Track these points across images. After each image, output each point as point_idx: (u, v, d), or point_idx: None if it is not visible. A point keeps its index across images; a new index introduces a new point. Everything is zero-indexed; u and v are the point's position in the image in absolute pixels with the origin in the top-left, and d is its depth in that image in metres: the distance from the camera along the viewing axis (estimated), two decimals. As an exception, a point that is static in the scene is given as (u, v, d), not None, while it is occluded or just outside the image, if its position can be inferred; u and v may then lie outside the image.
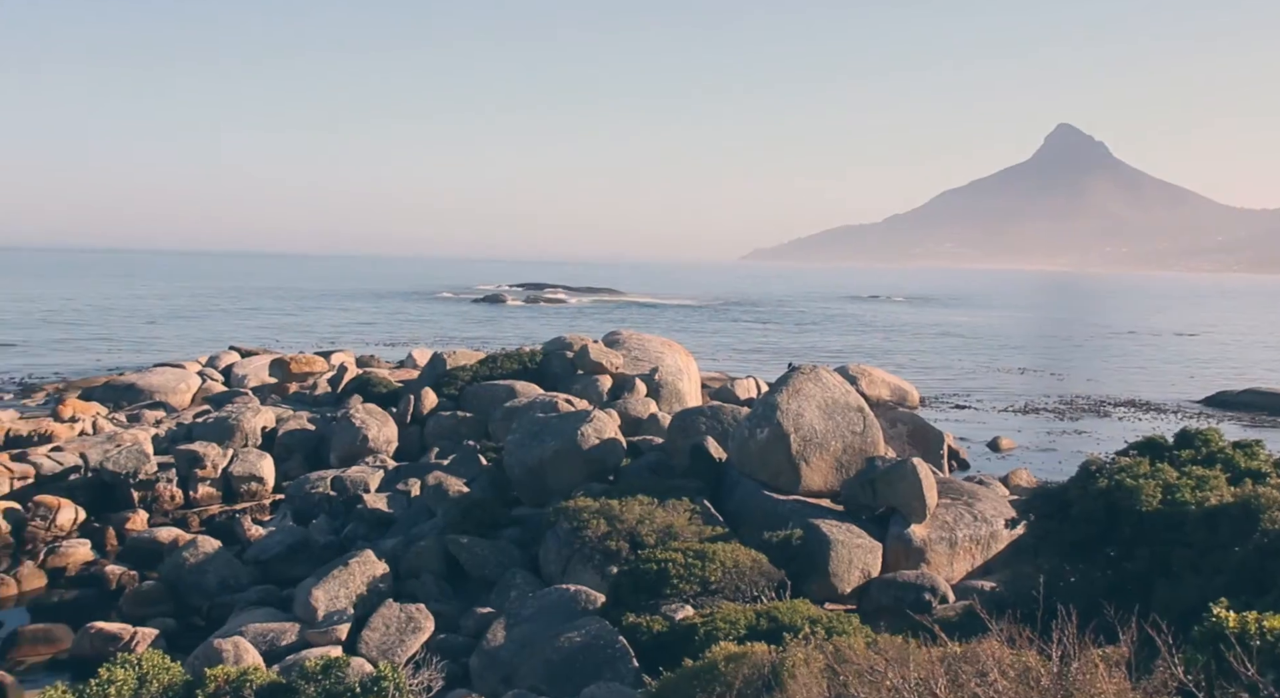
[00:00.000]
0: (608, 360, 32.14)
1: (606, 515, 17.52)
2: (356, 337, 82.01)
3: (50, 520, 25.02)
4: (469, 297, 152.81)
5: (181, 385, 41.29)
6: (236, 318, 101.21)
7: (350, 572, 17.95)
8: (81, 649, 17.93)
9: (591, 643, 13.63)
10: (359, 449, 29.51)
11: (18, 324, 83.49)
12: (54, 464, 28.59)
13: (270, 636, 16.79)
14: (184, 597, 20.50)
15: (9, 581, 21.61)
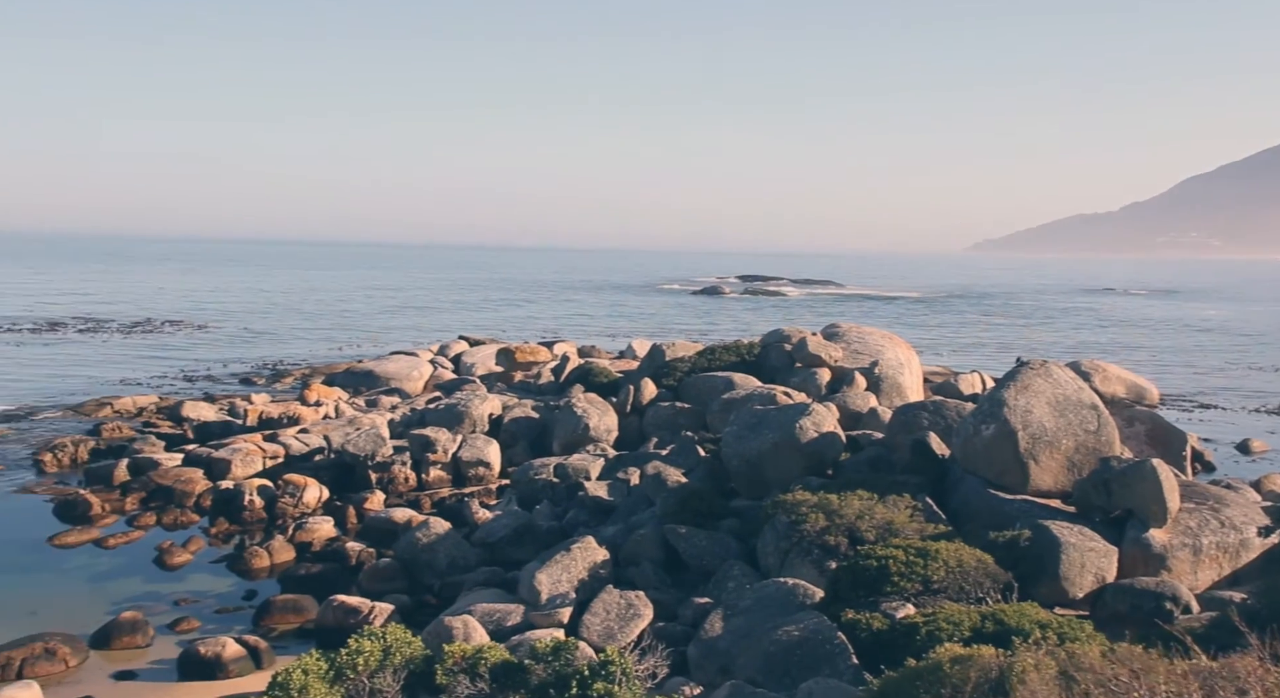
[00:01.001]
0: (827, 353, 31.76)
1: (825, 510, 17.32)
2: (578, 328, 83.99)
3: (298, 498, 26.71)
4: (688, 289, 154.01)
5: (415, 373, 43.27)
6: (464, 309, 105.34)
7: (572, 557, 18.40)
8: (325, 620, 19.06)
9: (810, 638, 13.50)
10: (580, 437, 30.18)
11: (265, 313, 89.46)
12: (301, 445, 30.50)
13: (497, 616, 17.39)
14: (416, 575, 21.51)
15: (262, 553, 23.19)
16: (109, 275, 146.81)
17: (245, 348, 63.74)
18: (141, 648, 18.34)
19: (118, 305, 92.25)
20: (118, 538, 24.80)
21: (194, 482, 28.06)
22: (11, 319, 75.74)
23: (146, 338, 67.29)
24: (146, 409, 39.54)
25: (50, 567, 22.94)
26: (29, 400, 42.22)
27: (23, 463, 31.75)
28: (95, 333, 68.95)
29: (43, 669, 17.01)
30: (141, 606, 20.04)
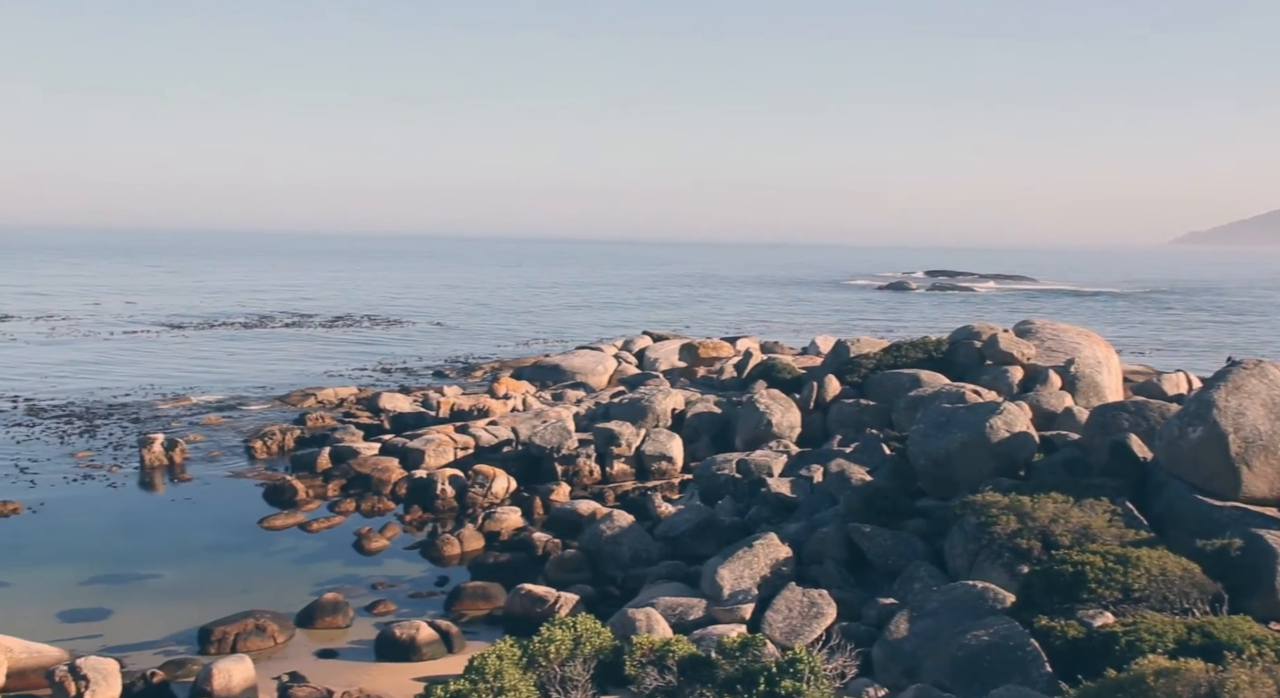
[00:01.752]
0: (1019, 351, 30.70)
1: (1017, 512, 16.74)
2: (761, 323, 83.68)
3: (487, 488, 27.50)
4: (873, 284, 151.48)
5: (600, 367, 43.94)
6: (647, 304, 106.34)
7: (754, 553, 18.34)
8: (513, 608, 19.57)
9: (1000, 643, 13.08)
10: (763, 433, 30.06)
11: (455, 309, 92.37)
12: (490, 437, 31.39)
13: (679, 609, 17.50)
14: (600, 566, 21.84)
15: (453, 541, 23.98)
16: (311, 272, 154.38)
17: (437, 342, 66.01)
18: (342, 628, 19.24)
19: (320, 301, 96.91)
20: (320, 522, 26.07)
21: (390, 470, 29.23)
22: (225, 314, 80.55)
23: (346, 332, 70.46)
24: (347, 400, 41.41)
25: (260, 548, 24.31)
26: (241, 391, 44.82)
27: (236, 450, 33.74)
28: (300, 327, 72.62)
29: (254, 644, 18.02)
30: (342, 588, 21.00)
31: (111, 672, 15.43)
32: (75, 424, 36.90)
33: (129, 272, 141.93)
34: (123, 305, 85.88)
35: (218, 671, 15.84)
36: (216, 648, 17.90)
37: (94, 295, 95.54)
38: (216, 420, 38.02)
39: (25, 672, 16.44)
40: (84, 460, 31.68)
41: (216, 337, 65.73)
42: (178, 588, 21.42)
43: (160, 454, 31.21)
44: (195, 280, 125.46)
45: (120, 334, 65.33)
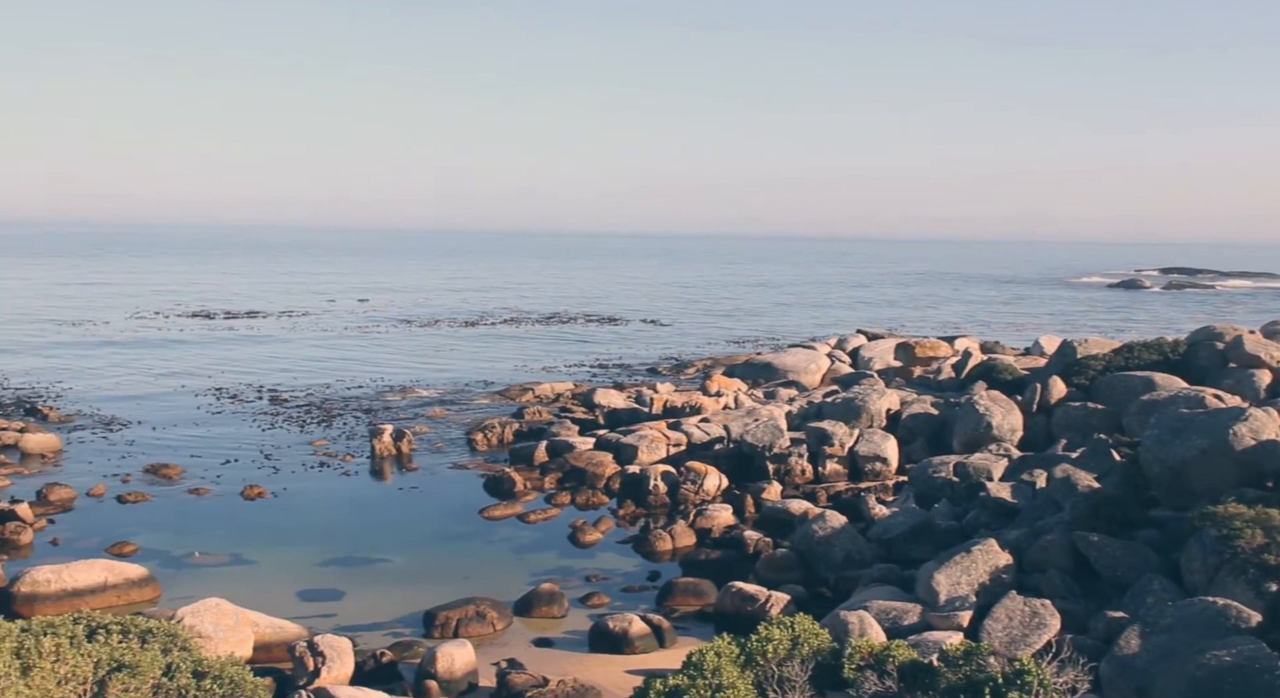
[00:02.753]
0: (1267, 353, 28.65)
1: (1264, 525, 15.61)
2: (980, 322, 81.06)
3: (699, 485, 27.65)
4: (1103, 283, 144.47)
5: (812, 366, 43.52)
6: (860, 303, 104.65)
7: (973, 559, 17.77)
8: (724, 605, 19.60)
9: (1245, 665, 12.22)
10: (982, 436, 29.09)
11: (666, 307, 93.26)
12: (702, 434, 31.54)
13: (893, 614, 17.13)
14: (812, 566, 21.62)
15: (665, 536, 24.22)
16: (528, 271, 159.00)
17: (650, 340, 66.85)
18: (557, 618, 19.72)
19: (536, 298, 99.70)
20: (537, 514, 26.80)
21: (604, 465, 29.78)
22: (451, 311, 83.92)
23: (562, 329, 72.25)
24: (563, 395, 42.45)
25: (480, 537, 25.20)
26: (464, 385, 46.60)
27: (458, 441, 35.09)
28: (517, 324, 74.89)
29: (474, 630, 18.68)
30: (557, 578, 21.53)
31: (345, 650, 16.29)
32: (314, 414, 39.18)
33: (361, 270, 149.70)
34: (355, 304, 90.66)
35: (441, 654, 16.50)
36: (440, 632, 18.65)
37: (330, 293, 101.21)
38: (441, 413, 39.65)
39: (270, 645, 17.56)
40: (320, 449, 33.58)
41: (440, 333, 68.55)
42: (404, 573, 22.45)
43: (389, 445, 32.76)
44: (419, 279, 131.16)
45: (353, 331, 68.99)
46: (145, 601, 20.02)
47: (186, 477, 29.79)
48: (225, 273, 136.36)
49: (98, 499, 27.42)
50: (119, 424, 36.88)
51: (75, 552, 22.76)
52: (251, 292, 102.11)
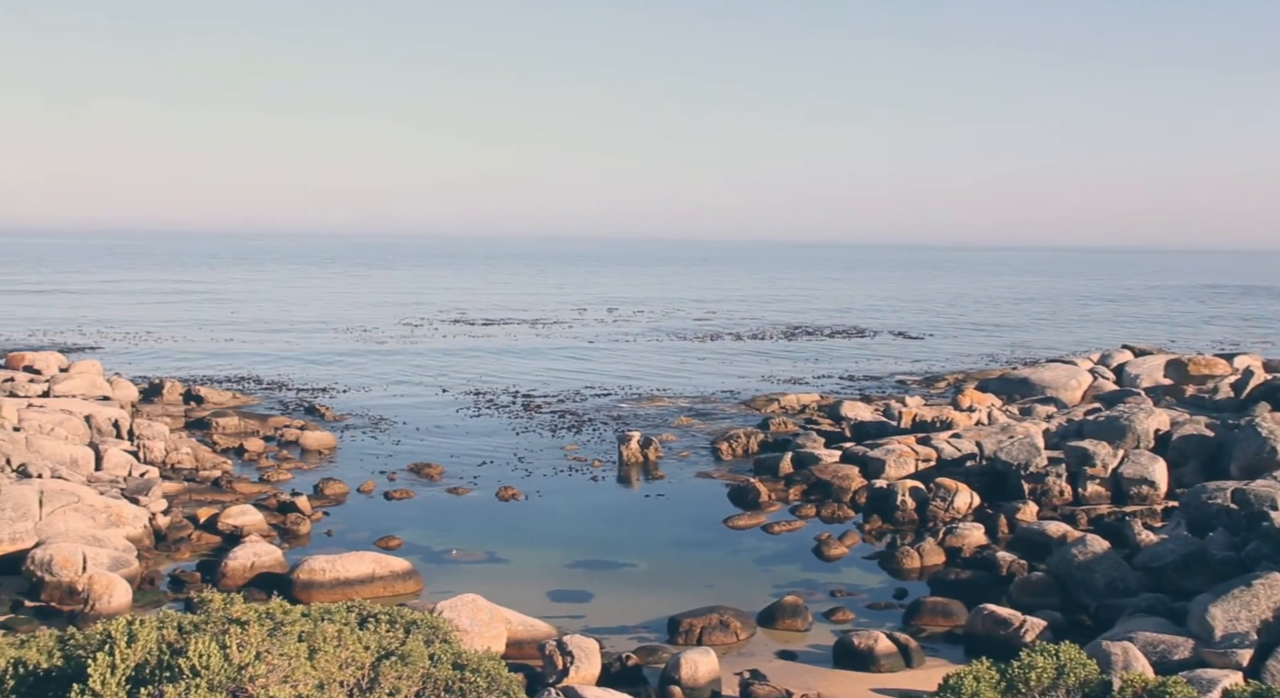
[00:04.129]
0: None
1: None
2: (1264, 340, 75.14)
3: (949, 502, 26.82)
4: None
5: (1072, 382, 41.43)
6: (1127, 317, 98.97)
7: (1254, 594, 16.46)
8: (974, 627, 18.91)
9: None
10: (1265, 462, 26.89)
11: (915, 318, 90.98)
12: (953, 450, 30.58)
13: (1161, 647, 16.07)
14: (1070, 592, 20.56)
15: (913, 554, 23.61)
16: (771, 281, 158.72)
17: (899, 352, 65.43)
18: (800, 631, 19.54)
19: (780, 308, 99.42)
20: (781, 525, 26.68)
21: (850, 478, 29.34)
22: (694, 322, 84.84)
23: (807, 342, 71.71)
24: (809, 406, 42.10)
25: (724, 545, 25.30)
26: (709, 394, 46.97)
27: (703, 450, 35.38)
28: (761, 338, 74.83)
29: (718, 639, 18.75)
30: (801, 591, 21.34)
31: (592, 651, 16.67)
32: (565, 420, 40.40)
33: (608, 280, 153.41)
34: (605, 313, 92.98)
35: (685, 661, 16.64)
36: (684, 639, 18.82)
37: (581, 303, 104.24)
38: (687, 422, 40.08)
39: (521, 643, 18.18)
40: (571, 454, 34.58)
41: (686, 344, 69.34)
42: (649, 578, 22.80)
43: (636, 451, 33.37)
44: (663, 290, 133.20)
45: (603, 339, 70.75)
46: (408, 593, 21.13)
47: (446, 476, 31.28)
48: (490, 282, 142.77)
49: (367, 495, 29.18)
50: (386, 424, 39.14)
51: (347, 543, 24.27)
52: (508, 300, 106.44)
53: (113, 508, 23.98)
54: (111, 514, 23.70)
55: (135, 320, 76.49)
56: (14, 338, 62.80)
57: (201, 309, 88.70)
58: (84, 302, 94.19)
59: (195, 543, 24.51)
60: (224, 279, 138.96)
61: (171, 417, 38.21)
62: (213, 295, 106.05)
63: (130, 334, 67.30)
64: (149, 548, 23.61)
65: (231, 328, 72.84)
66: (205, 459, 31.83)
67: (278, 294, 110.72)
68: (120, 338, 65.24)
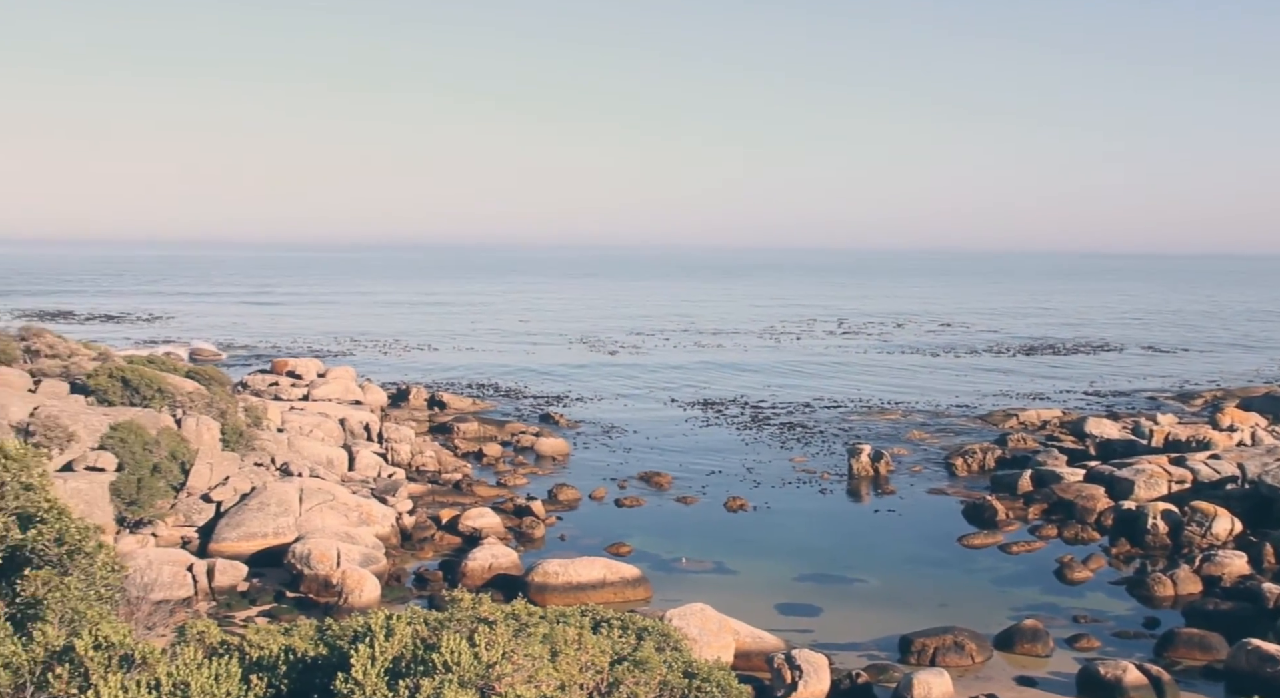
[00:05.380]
0: None
1: None
2: None
3: (1206, 528, 25.10)
4: None
5: (1349, 401, 38.12)
6: None
7: None
8: (1237, 663, 17.59)
9: None
10: None
11: (1164, 331, 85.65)
12: (1211, 472, 28.63)
13: None
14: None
15: (1165, 581, 22.21)
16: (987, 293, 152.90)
17: (1147, 366, 61.92)
18: (1041, 657, 18.69)
19: (1022, 321, 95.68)
20: (1020, 546, 25.62)
21: (1095, 499, 27.88)
22: (927, 334, 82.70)
23: (1048, 356, 68.76)
24: (1050, 423, 40.33)
25: (958, 564, 24.51)
26: (944, 408, 45.64)
27: (936, 466, 34.41)
28: (998, 352, 72.21)
29: (951, 660, 18.16)
30: (1042, 615, 20.41)
31: (821, 666, 16.46)
32: (794, 431, 40.12)
33: (837, 291, 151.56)
34: (834, 324, 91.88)
35: (918, 682, 16.19)
36: (916, 659, 18.32)
37: (808, 314, 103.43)
38: (920, 436, 39.09)
39: (749, 654, 18.14)
40: (799, 466, 34.30)
41: (918, 356, 67.71)
42: (879, 595, 22.33)
43: (867, 465, 32.77)
44: (889, 302, 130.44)
45: (833, 350, 69.96)
46: (639, 600, 21.42)
47: (676, 485, 31.59)
48: (720, 293, 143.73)
49: (599, 502, 29.80)
50: (618, 432, 39.90)
51: (579, 548, 24.86)
52: (737, 311, 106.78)
53: (364, 507, 25.39)
54: (363, 513, 25.10)
55: (386, 330, 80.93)
56: (280, 345, 67.55)
57: (446, 319, 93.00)
58: (340, 312, 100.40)
59: (438, 543, 25.63)
60: (467, 290, 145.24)
61: (417, 421, 40.18)
62: (457, 306, 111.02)
63: (380, 343, 71.22)
64: (395, 546, 24.87)
65: (472, 337, 76.03)
66: (447, 463, 33.27)
67: (517, 305, 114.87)
68: (371, 346, 69.13)
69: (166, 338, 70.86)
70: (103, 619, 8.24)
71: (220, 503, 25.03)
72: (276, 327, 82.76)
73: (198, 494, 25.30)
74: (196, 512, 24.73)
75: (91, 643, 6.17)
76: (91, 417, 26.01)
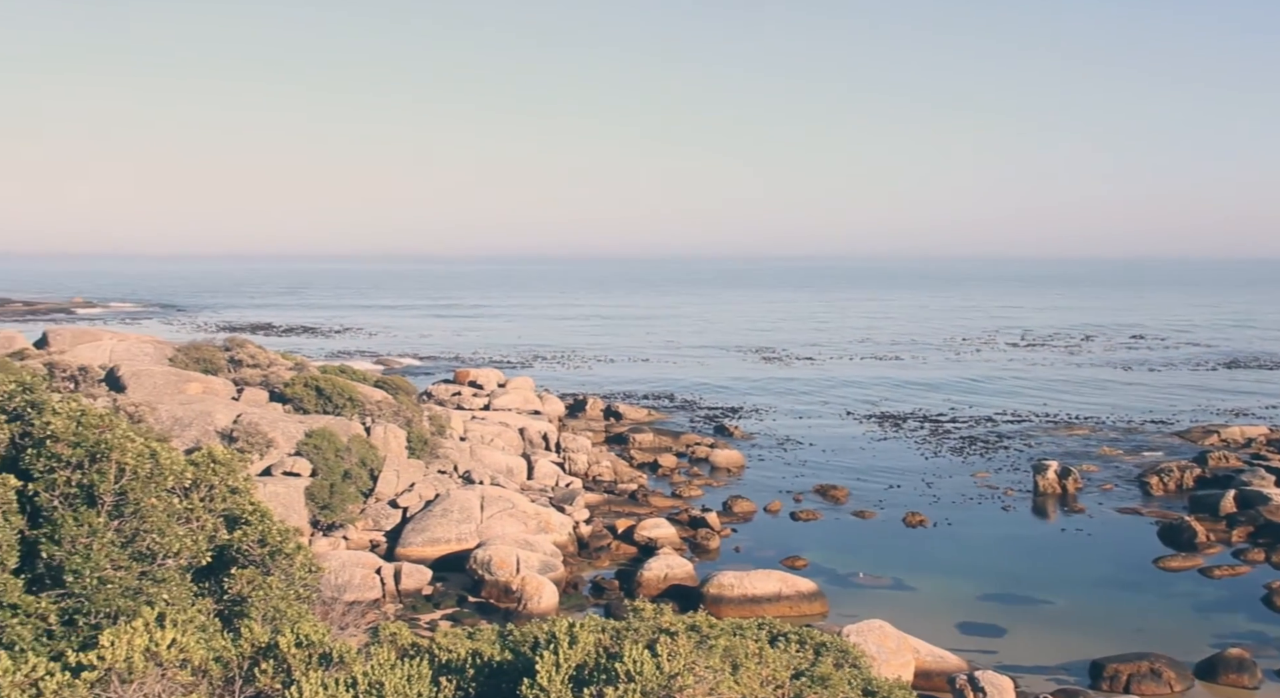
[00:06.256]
0: None
1: None
2: None
3: None
4: None
5: None
6: None
7: None
8: None
9: None
10: None
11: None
12: None
13: None
14: None
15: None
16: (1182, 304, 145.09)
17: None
18: (1248, 689, 17.62)
19: (1207, 333, 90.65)
20: (1223, 570, 24.22)
21: (1307, 522, 26.12)
22: (1114, 344, 79.16)
23: (1253, 371, 64.98)
24: (1256, 440, 38.05)
25: (1154, 588, 23.33)
26: (1138, 424, 43.58)
27: (1129, 484, 32.85)
28: (1196, 366, 68.62)
29: (1147, 688, 17.30)
30: (1249, 644, 19.22)
31: (1006, 689, 15.91)
32: (976, 445, 38.99)
33: (1021, 302, 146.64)
34: (1017, 336, 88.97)
35: (1111, 709, 15.48)
36: (1108, 685, 17.52)
37: (990, 326, 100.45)
38: (1110, 452, 37.43)
39: (929, 673, 17.69)
40: (981, 481, 33.29)
41: (1107, 368, 64.93)
42: (1068, 617, 21.44)
43: (1054, 482, 31.56)
44: (1083, 312, 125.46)
45: (1017, 363, 67.73)
46: (814, 614, 21.16)
47: (852, 499, 31.10)
48: (901, 305, 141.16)
49: (773, 514, 29.60)
50: (792, 445, 39.56)
51: (754, 561, 24.73)
52: (916, 324, 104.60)
53: (542, 515, 25.88)
54: (541, 521, 25.59)
55: (564, 342, 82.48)
56: (462, 355, 69.63)
57: (621, 331, 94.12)
58: (520, 325, 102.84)
59: (613, 552, 25.89)
60: (644, 304, 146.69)
61: (593, 431, 40.75)
62: (633, 319, 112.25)
63: (558, 354, 72.58)
64: (573, 554, 25.25)
65: (648, 349, 76.69)
66: (623, 473, 33.62)
67: (690, 316, 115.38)
68: (549, 358, 70.51)
69: (358, 349, 73.98)
70: (302, 618, 8.62)
71: (406, 509, 25.92)
72: (459, 339, 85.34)
73: (385, 500, 26.28)
74: (384, 517, 25.67)
75: (294, 641, 6.47)
76: (289, 424, 27.33)
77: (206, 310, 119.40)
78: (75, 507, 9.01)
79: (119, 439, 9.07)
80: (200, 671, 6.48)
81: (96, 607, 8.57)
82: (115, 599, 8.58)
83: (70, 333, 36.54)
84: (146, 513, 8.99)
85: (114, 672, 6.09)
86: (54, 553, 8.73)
